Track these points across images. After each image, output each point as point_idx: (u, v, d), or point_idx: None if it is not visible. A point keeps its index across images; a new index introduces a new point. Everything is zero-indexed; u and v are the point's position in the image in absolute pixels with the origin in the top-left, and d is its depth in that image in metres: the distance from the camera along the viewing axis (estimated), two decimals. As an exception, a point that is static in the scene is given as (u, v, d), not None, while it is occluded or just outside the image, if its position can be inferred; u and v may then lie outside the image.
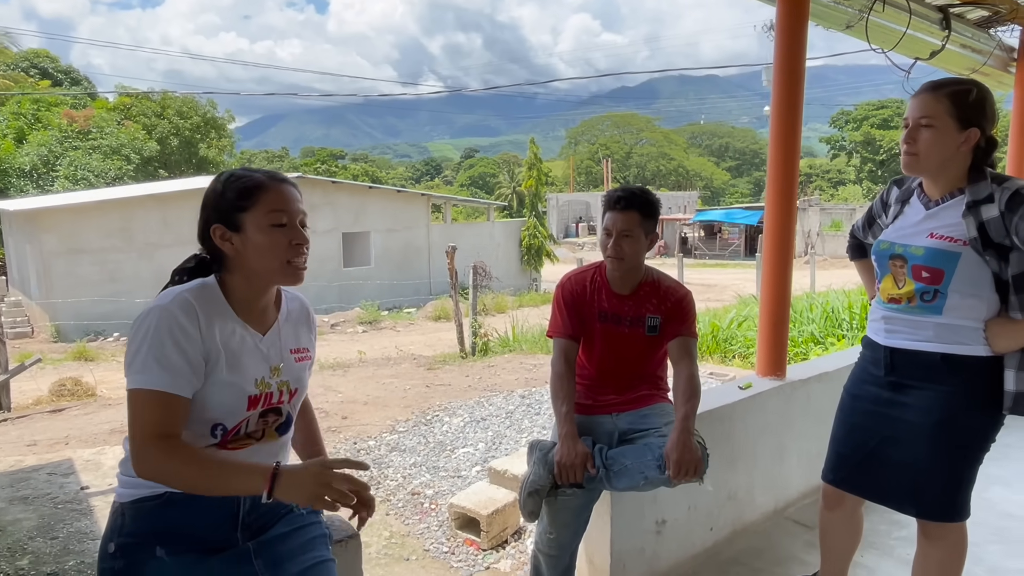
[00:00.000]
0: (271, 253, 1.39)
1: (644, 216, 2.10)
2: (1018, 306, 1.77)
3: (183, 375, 1.31)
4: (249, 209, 1.38)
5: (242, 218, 1.38)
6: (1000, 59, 4.27)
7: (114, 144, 30.20)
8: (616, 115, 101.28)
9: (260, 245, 1.39)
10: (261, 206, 1.39)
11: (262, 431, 1.46)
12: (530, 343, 9.69)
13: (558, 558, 2.13)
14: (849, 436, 2.07)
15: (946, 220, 1.83)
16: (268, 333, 1.48)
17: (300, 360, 1.54)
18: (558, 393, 2.12)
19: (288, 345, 1.52)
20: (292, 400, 1.51)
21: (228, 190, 1.40)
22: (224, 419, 1.39)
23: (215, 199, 1.41)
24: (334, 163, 54.95)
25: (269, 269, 1.41)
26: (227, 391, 1.37)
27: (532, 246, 23.90)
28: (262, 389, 1.43)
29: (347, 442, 4.94)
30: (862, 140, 51.71)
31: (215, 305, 1.39)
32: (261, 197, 1.39)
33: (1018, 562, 2.65)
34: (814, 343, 7.59)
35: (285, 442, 1.55)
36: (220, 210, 1.40)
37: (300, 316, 1.59)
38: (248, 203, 1.39)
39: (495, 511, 3.15)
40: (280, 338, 1.50)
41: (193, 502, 1.38)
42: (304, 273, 1.45)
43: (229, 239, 1.39)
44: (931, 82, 1.85)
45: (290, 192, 1.43)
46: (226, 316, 1.40)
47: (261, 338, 1.46)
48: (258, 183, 1.40)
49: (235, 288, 1.43)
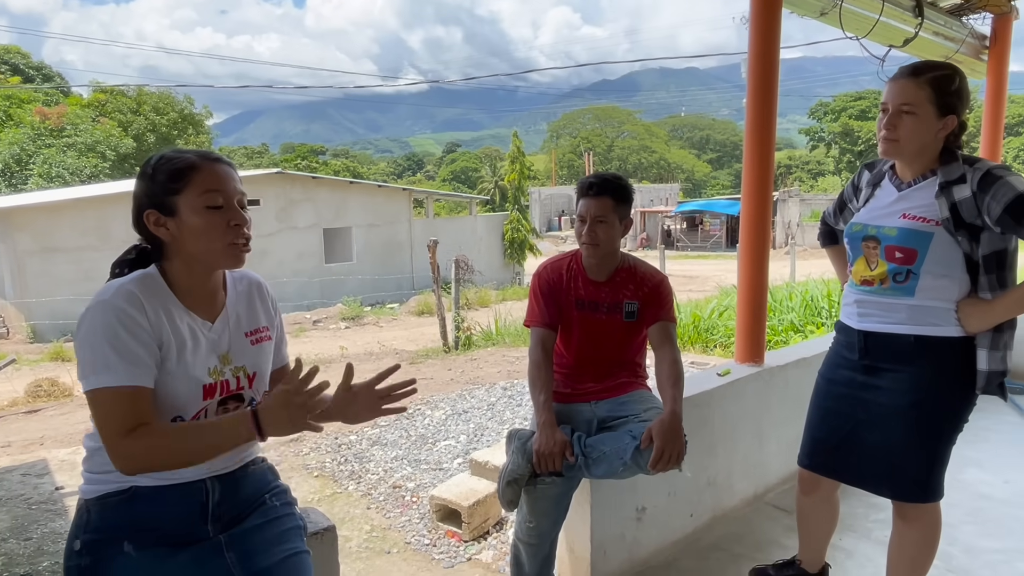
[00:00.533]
0: (209, 236, 1.34)
1: (617, 201, 2.10)
2: (988, 286, 1.79)
3: (143, 365, 1.27)
4: (182, 191, 1.34)
5: (175, 201, 1.34)
6: (972, 47, 4.31)
7: (89, 141, 29.74)
8: (597, 108, 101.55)
9: (196, 228, 1.34)
10: (194, 187, 1.34)
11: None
12: (513, 336, 9.68)
13: (538, 547, 2.12)
14: (824, 421, 2.08)
15: (919, 201, 1.84)
16: (217, 320, 1.44)
17: (257, 342, 1.50)
18: (536, 382, 2.11)
19: (242, 329, 1.48)
20: (253, 385, 1.48)
21: (159, 173, 1.35)
22: (181, 410, 1.36)
23: (146, 184, 1.36)
24: (314, 159, 54.49)
25: (209, 252, 1.36)
26: (180, 382, 1.34)
27: (515, 240, 23.88)
28: (216, 378, 1.40)
29: (328, 436, 4.90)
30: (840, 131, 52.17)
31: (159, 295, 1.35)
32: (193, 178, 1.34)
33: (992, 542, 2.68)
34: (794, 331, 7.66)
35: None
36: (152, 195, 1.35)
37: (251, 295, 1.53)
38: (180, 185, 1.34)
39: (476, 502, 3.14)
40: (230, 323, 1.46)
41: (160, 495, 1.36)
42: (246, 254, 1.41)
43: (164, 224, 1.34)
44: (911, 66, 1.84)
45: (225, 171, 1.38)
46: (172, 306, 1.36)
47: (210, 326, 1.42)
48: (190, 163, 1.35)
49: (177, 276, 1.39)
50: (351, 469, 4.25)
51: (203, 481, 1.42)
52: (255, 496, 1.51)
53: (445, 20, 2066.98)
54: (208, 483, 1.42)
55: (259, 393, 1.50)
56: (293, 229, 19.45)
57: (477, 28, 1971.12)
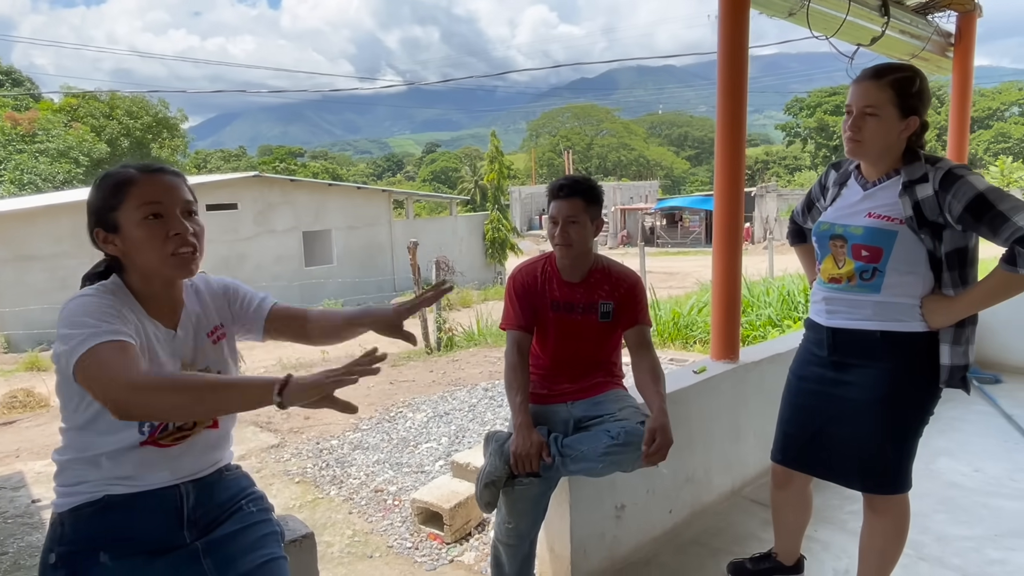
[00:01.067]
0: (150, 247, 1.34)
1: (588, 202, 2.13)
2: (951, 283, 1.83)
3: (128, 330, 1.28)
4: (120, 206, 1.35)
5: (116, 217, 1.35)
6: (938, 44, 4.40)
7: (61, 147, 29.30)
8: (576, 107, 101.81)
9: (138, 241, 1.34)
10: (131, 200, 1.34)
11: (193, 422, 1.43)
12: (495, 336, 9.69)
13: (517, 547, 2.14)
14: (795, 416, 2.13)
15: (883, 200, 1.89)
16: (179, 326, 1.45)
17: (217, 340, 1.51)
18: (512, 384, 2.13)
19: (202, 330, 1.49)
20: None
21: (100, 190, 1.36)
22: None
23: (91, 202, 1.37)
24: (293, 161, 54.13)
25: (153, 264, 1.36)
26: None
27: (496, 239, 23.89)
28: None
29: (310, 442, 4.88)
30: (816, 126, 52.81)
31: (127, 303, 1.36)
32: (130, 191, 1.35)
33: (963, 529, 2.75)
34: (771, 326, 7.75)
35: (224, 429, 1.52)
36: (96, 212, 1.37)
37: (206, 294, 1.54)
38: (118, 200, 1.35)
39: (458, 504, 3.15)
40: (192, 328, 1.47)
41: (134, 503, 1.36)
42: (194, 263, 1.40)
43: (111, 241, 1.36)
44: (873, 68, 1.88)
45: (164, 181, 1.38)
46: (137, 313, 1.37)
47: (173, 334, 1.43)
48: (126, 177, 1.36)
49: (137, 287, 1.40)
50: (332, 474, 4.24)
51: (177, 487, 1.42)
52: (230, 501, 1.51)
53: (422, 20, 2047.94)
54: (182, 488, 1.42)
55: None
56: (272, 233, 19.30)
57: (454, 27, 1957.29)
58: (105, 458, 1.35)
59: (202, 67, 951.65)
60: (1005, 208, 1.69)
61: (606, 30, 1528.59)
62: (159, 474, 1.39)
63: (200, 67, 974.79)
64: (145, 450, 1.37)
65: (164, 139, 37.35)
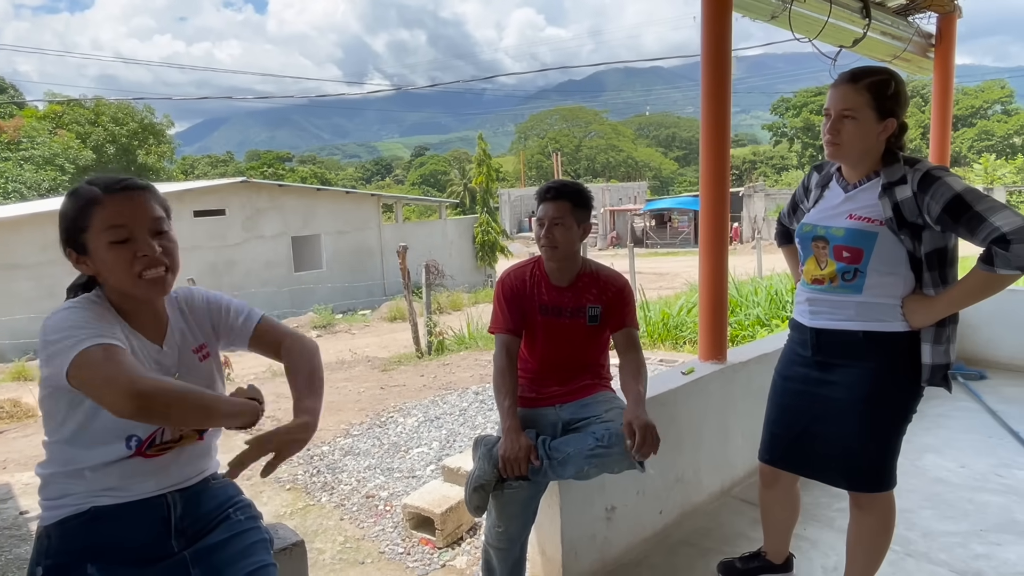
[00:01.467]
0: (118, 271, 1.33)
1: (575, 205, 2.15)
2: (931, 282, 1.86)
3: (118, 335, 1.28)
4: (88, 229, 1.33)
5: (84, 239, 1.33)
6: (919, 45, 4.45)
7: (47, 154, 29.08)
8: (564, 109, 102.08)
9: (107, 264, 1.33)
10: (97, 224, 1.32)
11: (179, 435, 1.43)
12: (485, 339, 9.68)
13: (508, 551, 2.14)
14: (781, 416, 2.15)
15: (864, 201, 1.91)
16: (166, 342, 1.44)
17: (204, 358, 1.51)
18: (500, 388, 2.14)
19: (187, 346, 1.48)
20: None
21: (69, 209, 1.34)
22: (136, 429, 1.36)
23: (61, 220, 1.36)
24: (281, 166, 53.94)
25: (125, 286, 1.35)
26: None
27: (486, 242, 23.89)
28: None
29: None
30: (802, 126, 53.16)
31: (110, 316, 1.36)
32: (96, 213, 1.32)
33: (949, 525, 2.78)
34: (760, 325, 7.79)
35: (208, 442, 1.52)
36: (66, 232, 1.35)
37: (191, 310, 1.53)
38: (86, 222, 1.33)
39: (449, 509, 3.15)
40: (178, 343, 1.47)
41: (121, 513, 1.36)
42: (166, 282, 1.38)
43: (83, 261, 1.35)
44: (849, 72, 1.91)
45: (130, 201, 1.34)
46: (122, 326, 1.36)
47: (160, 349, 1.42)
48: (92, 198, 1.33)
49: (118, 302, 1.39)
50: (323, 480, 4.23)
51: (164, 496, 1.42)
52: (218, 510, 1.51)
53: (409, 23, 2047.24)
54: (169, 498, 1.42)
55: None
56: (260, 238, 19.21)
57: (441, 31, 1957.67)
58: (89, 471, 1.34)
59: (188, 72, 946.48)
60: (982, 209, 1.71)
61: (593, 32, 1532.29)
62: (144, 484, 1.39)
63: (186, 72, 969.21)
64: (130, 462, 1.37)
65: (150, 145, 37.12)
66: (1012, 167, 35.12)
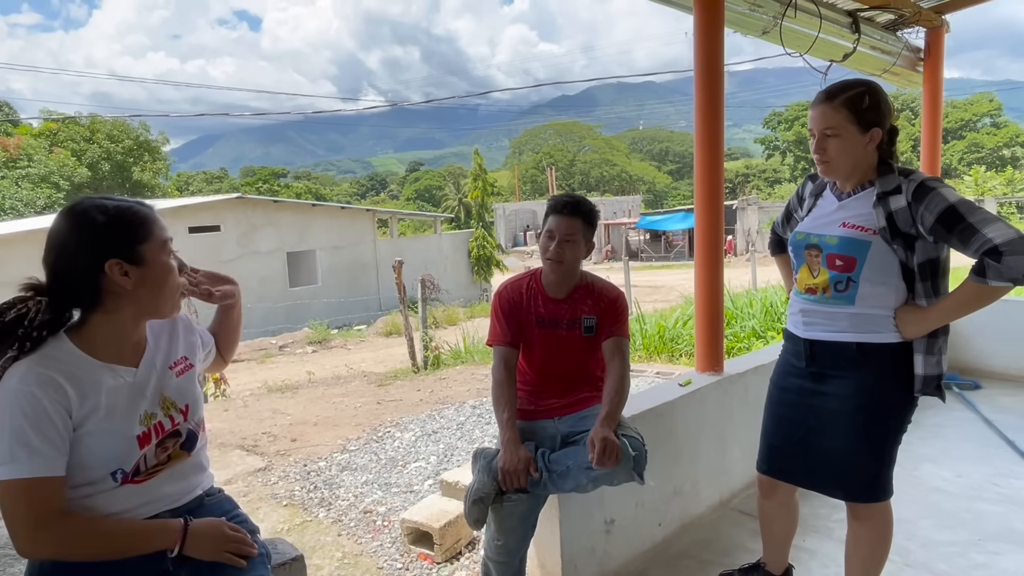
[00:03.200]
0: (167, 285, 1.37)
1: (586, 223, 2.18)
2: (924, 293, 1.88)
3: (50, 455, 1.24)
4: (147, 239, 1.34)
5: (141, 250, 1.33)
6: (908, 59, 4.52)
7: (43, 172, 29.09)
8: (558, 124, 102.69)
9: (161, 275, 1.36)
10: (157, 235, 1.36)
11: (167, 456, 1.43)
12: (482, 353, 9.68)
13: (507, 564, 2.14)
14: (778, 427, 2.15)
15: (857, 210, 1.93)
16: (141, 363, 1.42)
17: (181, 373, 1.50)
18: (499, 400, 2.15)
19: (165, 363, 1.47)
20: (188, 417, 1.47)
21: (118, 221, 1.32)
22: (120, 464, 1.35)
23: (103, 231, 1.30)
24: (276, 182, 53.99)
25: (163, 301, 1.38)
26: (111, 440, 1.32)
27: (481, 256, 23.94)
28: (148, 423, 1.39)
29: (297, 464, 4.84)
30: (794, 139, 53.60)
31: (73, 363, 1.30)
32: (154, 226, 1.36)
33: (948, 534, 2.78)
34: (756, 337, 7.82)
35: (197, 457, 1.52)
36: (114, 243, 1.31)
37: (166, 326, 1.52)
38: (144, 233, 1.34)
39: (448, 523, 3.14)
40: (156, 363, 1.45)
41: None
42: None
43: (127, 272, 1.31)
44: (825, 91, 1.92)
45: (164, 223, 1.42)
46: (90, 370, 1.32)
47: (134, 371, 1.40)
48: (147, 213, 1.37)
49: (105, 331, 1.35)
50: (321, 496, 4.21)
51: (158, 516, 1.41)
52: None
53: (402, 40, 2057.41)
54: (164, 517, 1.42)
55: (195, 423, 1.50)
56: (255, 254, 19.21)
57: (435, 47, 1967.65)
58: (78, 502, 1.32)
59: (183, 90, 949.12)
60: (975, 220, 1.73)
61: (585, 48, 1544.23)
62: (139, 510, 1.39)
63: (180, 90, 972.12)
64: (120, 490, 1.36)
65: (145, 162, 37.15)
66: (1002, 179, 35.45)
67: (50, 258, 1.31)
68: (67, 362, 1.30)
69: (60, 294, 1.31)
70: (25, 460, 1.22)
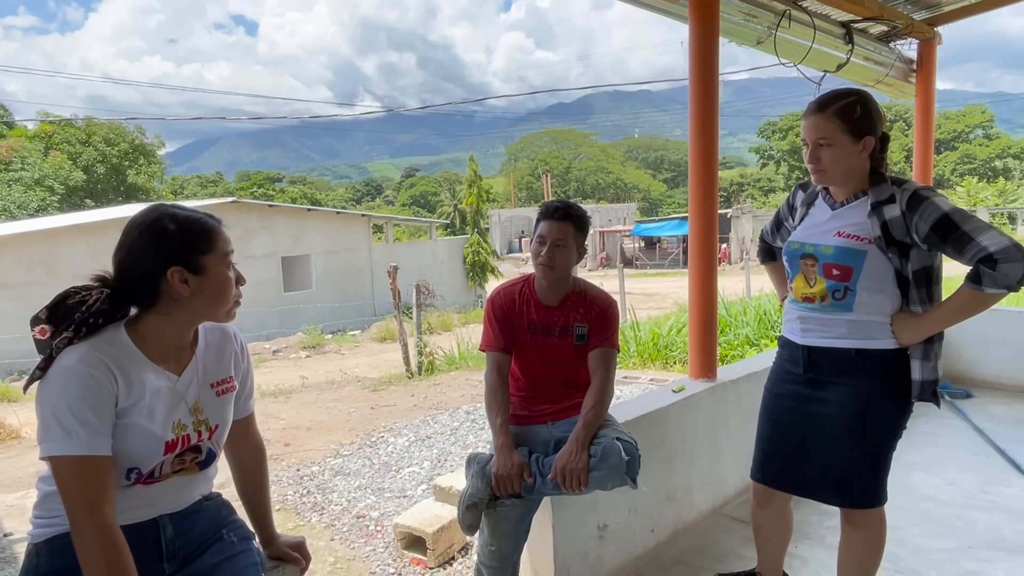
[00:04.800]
0: (225, 295, 1.42)
1: (578, 229, 2.19)
2: (919, 300, 1.90)
3: (104, 434, 1.28)
4: (209, 251, 1.38)
5: (204, 260, 1.37)
6: (901, 70, 4.56)
7: (37, 175, 28.97)
8: (554, 131, 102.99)
9: (218, 287, 1.39)
10: (219, 248, 1.40)
11: (180, 467, 1.44)
12: (476, 359, 9.68)
13: (500, 569, 2.14)
14: (773, 434, 2.16)
15: (852, 220, 1.95)
16: (185, 372, 1.44)
17: (222, 393, 1.51)
18: (492, 405, 2.15)
19: (208, 380, 1.48)
20: (213, 437, 1.48)
21: (185, 231, 1.36)
22: (140, 464, 1.36)
23: (171, 240, 1.35)
24: (271, 186, 53.89)
25: (220, 309, 1.42)
26: (141, 438, 1.34)
27: (476, 263, 23.94)
28: (179, 433, 1.40)
29: (290, 469, 4.83)
30: (788, 149, 53.91)
31: (125, 355, 1.34)
32: (218, 240, 1.40)
33: (938, 542, 2.79)
34: (749, 345, 7.84)
35: (207, 475, 1.53)
36: (179, 252, 1.35)
37: (220, 345, 1.54)
38: (208, 245, 1.38)
39: (441, 528, 3.14)
40: (199, 374, 1.46)
41: None
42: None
43: (187, 280, 1.35)
44: (816, 102, 1.95)
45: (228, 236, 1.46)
46: (139, 365, 1.35)
47: (177, 379, 1.42)
48: (212, 225, 1.41)
49: (156, 331, 1.39)
50: (314, 501, 4.20)
51: (155, 520, 1.42)
52: (211, 532, 1.51)
53: (398, 46, 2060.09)
54: (160, 521, 1.42)
55: (218, 445, 1.51)
56: (250, 258, 19.14)
57: (431, 54, 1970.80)
58: None
59: (178, 93, 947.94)
60: (969, 228, 1.76)
61: (581, 56, 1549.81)
62: (140, 511, 1.39)
63: (176, 93, 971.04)
64: (129, 489, 1.37)
65: (141, 166, 37.05)
66: (994, 190, 35.71)
67: (119, 255, 1.36)
68: (120, 352, 1.34)
69: (122, 290, 1.36)
70: (79, 436, 1.25)
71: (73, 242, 15.73)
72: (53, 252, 15.43)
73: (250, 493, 1.70)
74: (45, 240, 15.67)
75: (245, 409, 1.64)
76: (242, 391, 1.60)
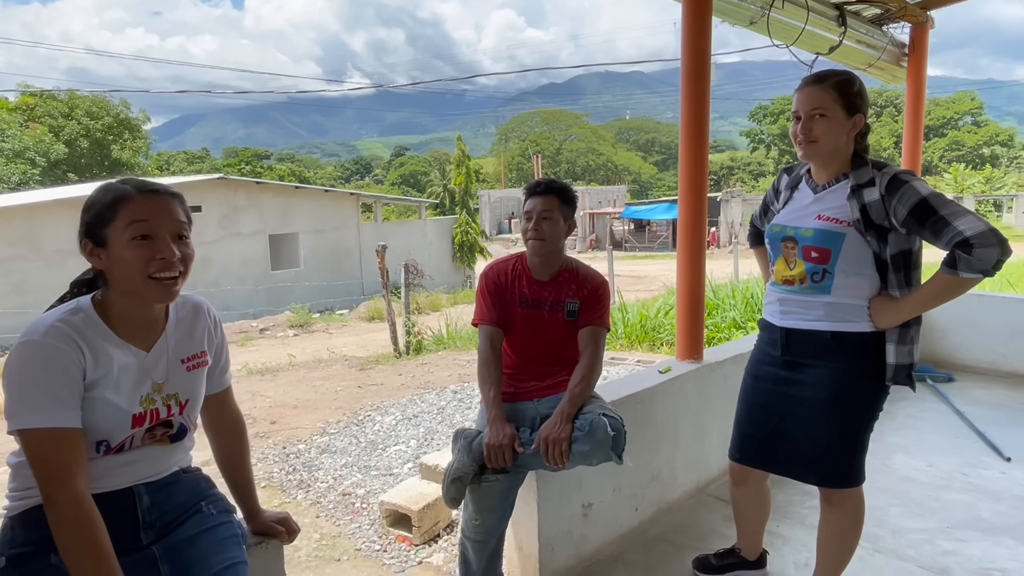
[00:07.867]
0: (131, 268, 1.33)
1: (562, 201, 2.20)
2: (897, 284, 1.91)
3: (72, 407, 1.28)
4: (111, 222, 1.33)
5: (106, 232, 1.33)
6: (893, 54, 4.55)
7: (17, 147, 28.47)
8: (545, 111, 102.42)
9: (122, 259, 1.33)
10: (123, 218, 1.33)
11: (152, 441, 1.43)
12: (464, 339, 9.70)
13: (485, 543, 2.16)
14: (751, 415, 2.18)
15: (832, 203, 1.96)
16: (153, 348, 1.43)
17: (193, 368, 1.49)
18: (485, 378, 2.16)
19: (178, 355, 1.47)
20: (184, 411, 1.47)
21: (96, 203, 1.35)
22: (108, 437, 1.36)
23: (85, 212, 1.35)
24: (259, 163, 53.35)
25: (134, 285, 1.34)
26: (108, 411, 1.34)
27: (465, 243, 23.88)
28: (146, 407, 1.40)
29: (276, 447, 4.83)
30: (779, 133, 53.99)
31: (91, 328, 1.34)
32: (123, 209, 1.33)
33: (917, 522, 2.84)
34: (736, 328, 7.89)
35: (180, 446, 1.52)
36: (88, 223, 1.35)
37: (192, 320, 1.52)
38: (111, 215, 1.33)
39: (426, 506, 3.15)
40: (168, 350, 1.45)
41: None
42: (175, 288, 1.38)
43: (97, 255, 1.34)
44: (813, 75, 1.97)
45: (159, 202, 1.36)
46: (104, 338, 1.35)
47: (145, 355, 1.41)
48: (122, 194, 1.34)
49: (116, 304, 1.38)
50: (300, 478, 4.21)
51: (131, 489, 1.41)
52: (189, 503, 1.50)
53: (387, 22, 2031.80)
54: (136, 490, 1.41)
55: (190, 420, 1.50)
56: (237, 236, 18.99)
57: (420, 30, 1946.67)
58: None
59: (162, 67, 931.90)
60: (946, 213, 1.77)
61: (572, 35, 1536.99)
62: (113, 479, 1.38)
63: (160, 67, 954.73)
64: (100, 459, 1.36)
65: (125, 140, 36.52)
66: (981, 177, 35.97)
67: None
68: (87, 326, 1.34)
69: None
70: (47, 409, 1.24)
71: (56, 217, 15.50)
72: (36, 227, 15.21)
73: (231, 467, 1.69)
74: (27, 215, 15.45)
75: (221, 383, 1.63)
76: (216, 365, 1.59)
